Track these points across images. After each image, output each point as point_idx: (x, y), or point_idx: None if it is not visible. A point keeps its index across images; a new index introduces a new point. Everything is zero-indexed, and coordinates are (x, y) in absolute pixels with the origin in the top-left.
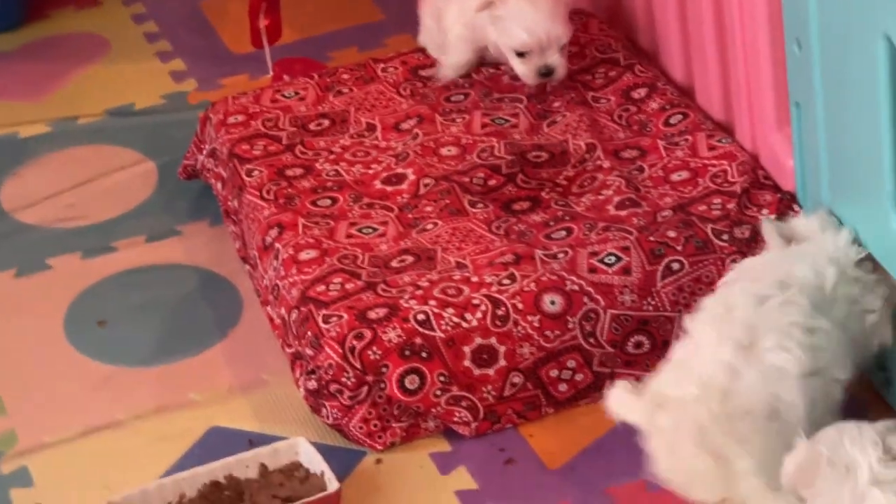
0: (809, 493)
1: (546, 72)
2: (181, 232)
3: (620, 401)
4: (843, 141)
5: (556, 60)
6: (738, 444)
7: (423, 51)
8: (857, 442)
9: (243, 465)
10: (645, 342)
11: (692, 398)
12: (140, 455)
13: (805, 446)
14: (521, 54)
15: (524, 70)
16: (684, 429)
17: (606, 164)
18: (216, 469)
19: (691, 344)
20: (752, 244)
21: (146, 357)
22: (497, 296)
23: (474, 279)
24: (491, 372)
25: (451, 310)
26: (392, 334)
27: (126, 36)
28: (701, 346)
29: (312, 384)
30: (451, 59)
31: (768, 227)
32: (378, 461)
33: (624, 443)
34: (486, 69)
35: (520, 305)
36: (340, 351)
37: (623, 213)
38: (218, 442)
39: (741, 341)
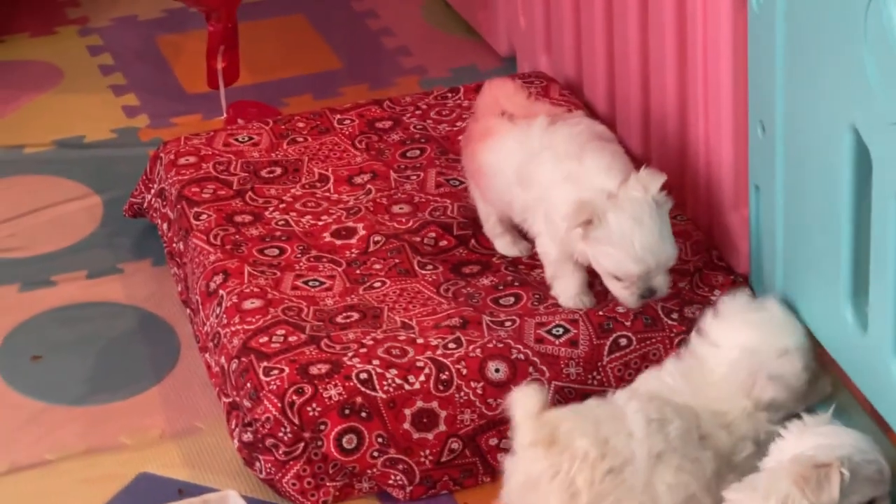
0: None
1: (648, 294)
2: (122, 270)
3: (525, 403)
4: (802, 227)
5: (661, 281)
6: None
7: (379, 103)
8: None
9: None
10: None
11: (581, 454)
12: (66, 497)
13: None
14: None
15: (624, 295)
16: (556, 479)
17: None
18: None
19: (609, 405)
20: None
21: (79, 396)
22: (442, 359)
23: (420, 340)
24: (430, 436)
25: (394, 370)
26: (333, 392)
27: (80, 67)
28: (620, 412)
29: (248, 437)
30: (565, 290)
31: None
32: None
33: None
34: (442, 127)
35: (464, 371)
36: (279, 405)
37: None
38: (146, 488)
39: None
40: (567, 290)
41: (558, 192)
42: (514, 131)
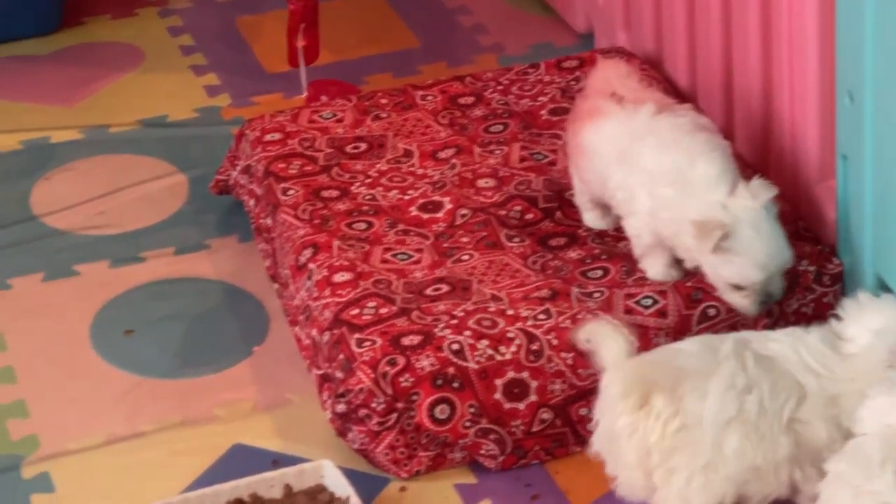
0: None
1: (767, 300)
2: (209, 246)
3: (613, 348)
4: (891, 196)
5: (778, 285)
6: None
7: (461, 80)
8: None
9: (268, 484)
10: None
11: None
12: (162, 468)
13: None
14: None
15: (745, 304)
16: (634, 437)
17: None
18: (240, 487)
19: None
20: (788, 294)
21: (171, 369)
22: (532, 330)
23: (510, 312)
24: (521, 406)
25: (485, 341)
26: (425, 362)
27: (161, 47)
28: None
29: (341, 407)
30: (654, 264)
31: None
32: (402, 489)
33: None
34: (524, 102)
35: (554, 342)
36: (372, 376)
37: None
38: (241, 459)
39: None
40: (656, 264)
41: (667, 194)
42: (619, 114)
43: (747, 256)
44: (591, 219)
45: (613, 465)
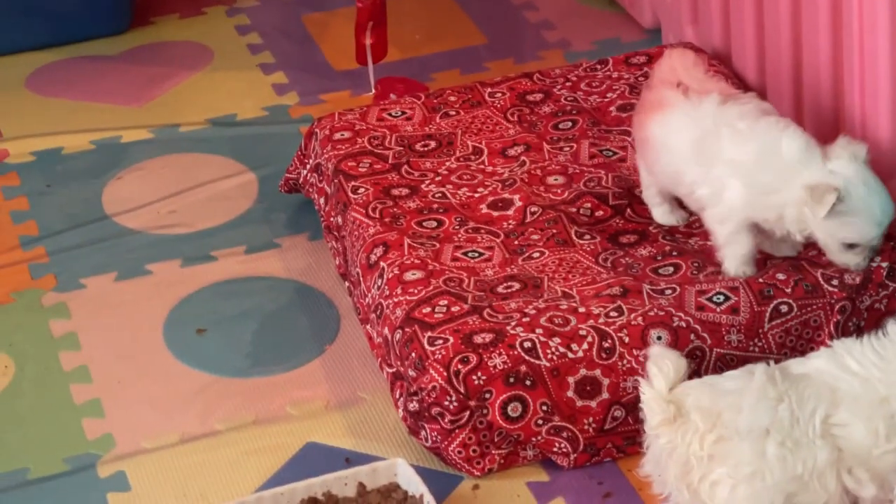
0: None
1: (872, 255)
2: (280, 245)
3: (655, 382)
4: None
5: (880, 239)
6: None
7: (529, 76)
8: None
9: (341, 482)
10: None
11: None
12: (237, 467)
13: None
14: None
15: (857, 261)
16: (674, 454)
17: None
18: (314, 485)
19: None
20: (861, 290)
21: (243, 368)
22: (604, 328)
23: (581, 310)
24: (593, 404)
25: (557, 339)
26: (497, 360)
27: (229, 46)
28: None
29: (414, 406)
30: (734, 255)
31: None
32: (475, 487)
33: None
34: (592, 99)
35: (626, 339)
36: (445, 374)
37: None
38: (314, 458)
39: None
40: (736, 256)
41: (766, 179)
42: (684, 105)
43: (864, 214)
44: (660, 214)
45: (660, 485)
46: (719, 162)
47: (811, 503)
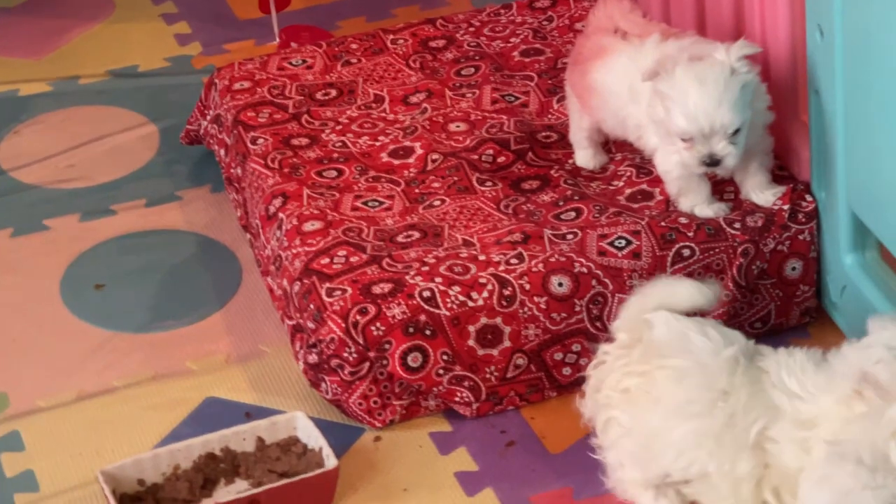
0: None
1: (711, 161)
2: (181, 197)
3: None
4: (863, 130)
5: (724, 149)
6: None
7: (432, 22)
8: None
9: (240, 437)
10: None
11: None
12: (134, 423)
13: None
14: (683, 139)
15: (686, 156)
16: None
17: (618, 156)
18: (212, 441)
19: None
20: (764, 233)
21: (143, 323)
22: (504, 275)
23: (482, 258)
24: (495, 352)
25: (457, 288)
26: (396, 310)
27: None
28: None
29: (313, 358)
30: (696, 202)
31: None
32: (377, 439)
33: None
34: (496, 44)
35: (527, 286)
36: (343, 325)
37: (634, 205)
38: (214, 412)
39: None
40: (698, 201)
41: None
42: (627, 49)
43: (679, 104)
44: (583, 157)
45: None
46: (645, 97)
47: None
